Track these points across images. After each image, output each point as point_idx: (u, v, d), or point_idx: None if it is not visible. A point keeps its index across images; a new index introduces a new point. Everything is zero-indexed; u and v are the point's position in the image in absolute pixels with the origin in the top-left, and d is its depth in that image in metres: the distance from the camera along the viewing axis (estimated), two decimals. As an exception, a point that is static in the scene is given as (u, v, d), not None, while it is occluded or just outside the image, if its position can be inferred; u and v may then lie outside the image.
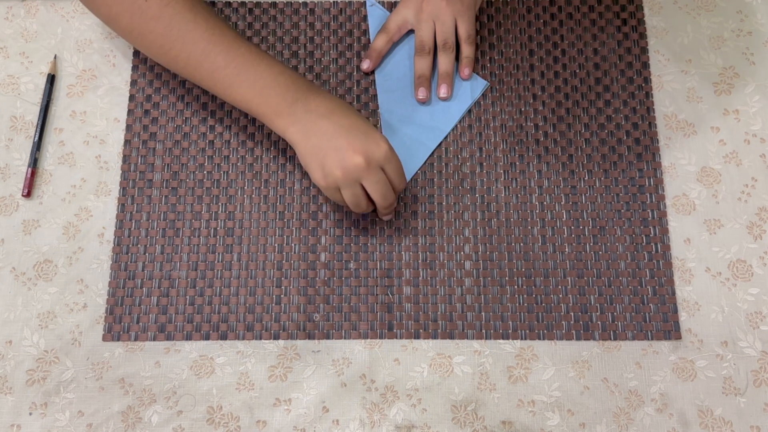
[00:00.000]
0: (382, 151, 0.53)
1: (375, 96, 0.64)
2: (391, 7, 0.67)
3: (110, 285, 0.59)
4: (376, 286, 0.59)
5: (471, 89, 0.64)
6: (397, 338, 0.58)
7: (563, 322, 0.58)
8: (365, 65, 0.64)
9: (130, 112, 0.64)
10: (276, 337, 0.58)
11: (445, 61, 0.64)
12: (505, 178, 0.62)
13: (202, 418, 0.56)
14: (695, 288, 0.59)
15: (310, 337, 0.58)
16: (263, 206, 0.61)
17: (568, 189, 0.62)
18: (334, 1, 0.68)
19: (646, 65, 0.65)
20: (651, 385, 0.57)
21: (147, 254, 0.60)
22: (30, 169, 0.62)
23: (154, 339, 0.58)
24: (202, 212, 0.61)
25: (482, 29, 0.66)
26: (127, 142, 0.63)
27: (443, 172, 0.62)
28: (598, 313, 0.58)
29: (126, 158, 0.63)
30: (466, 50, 0.64)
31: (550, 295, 0.59)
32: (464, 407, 0.56)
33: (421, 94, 0.63)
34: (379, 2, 0.67)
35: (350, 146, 0.53)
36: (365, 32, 0.67)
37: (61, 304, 0.59)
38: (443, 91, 0.63)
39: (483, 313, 0.59)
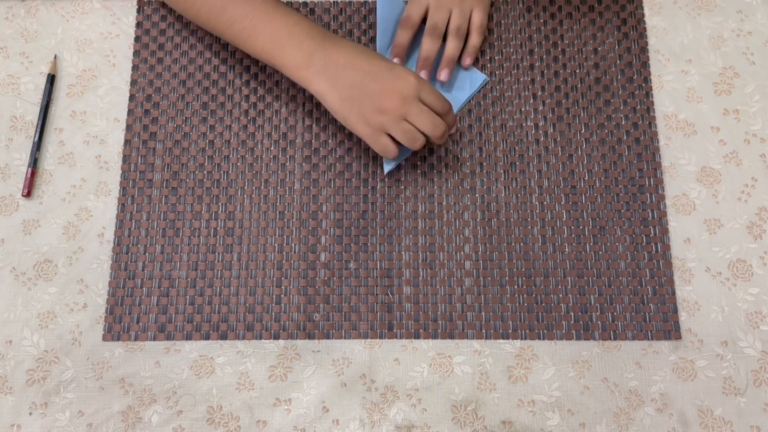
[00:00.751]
0: (412, 84, 0.55)
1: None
2: None
3: (110, 285, 0.59)
4: (376, 286, 0.59)
5: (470, 82, 0.64)
6: (397, 338, 0.58)
7: (563, 322, 0.58)
8: (396, 62, 0.63)
9: (130, 112, 0.64)
10: (276, 337, 0.58)
11: (452, 47, 0.63)
12: (505, 178, 0.62)
13: (202, 418, 0.56)
14: (695, 288, 0.59)
15: (310, 337, 0.58)
16: (263, 206, 0.61)
17: (568, 189, 0.62)
18: (334, 1, 0.68)
19: (646, 65, 0.65)
20: (651, 385, 0.57)
21: (147, 254, 0.60)
22: (30, 169, 0.62)
23: (154, 339, 0.58)
24: (202, 212, 0.61)
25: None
26: (127, 142, 0.63)
27: (443, 172, 0.62)
28: (598, 313, 0.58)
29: (126, 158, 0.63)
30: (474, 39, 0.64)
31: (550, 295, 0.59)
32: (464, 407, 0.56)
33: (423, 75, 0.63)
34: None
35: (383, 89, 0.55)
36: (365, 32, 0.66)
37: (61, 304, 0.59)
38: (444, 75, 0.63)
39: (483, 313, 0.59)
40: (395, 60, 0.63)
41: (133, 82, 0.65)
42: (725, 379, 0.57)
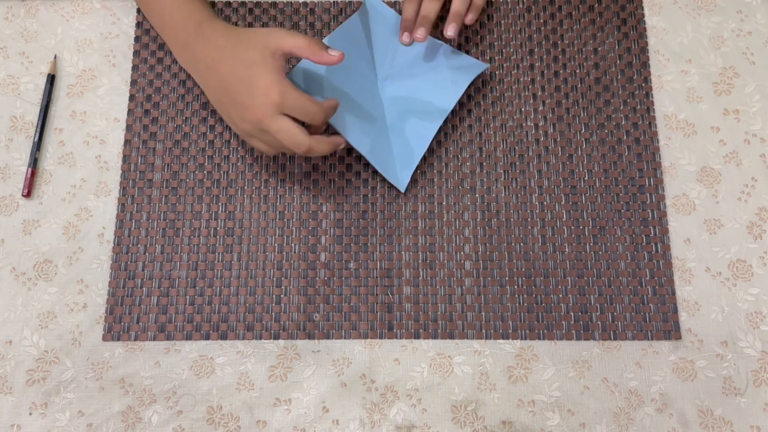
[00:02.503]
0: (270, 102, 0.51)
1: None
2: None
3: (110, 285, 0.59)
4: (376, 286, 0.59)
5: (470, 69, 0.63)
6: (397, 338, 0.58)
7: (563, 322, 0.58)
8: (406, 38, 0.62)
9: (130, 112, 0.64)
10: (276, 337, 0.58)
11: (458, 2, 0.62)
12: (505, 178, 0.62)
13: (202, 418, 0.56)
14: (695, 288, 0.59)
15: (310, 337, 0.58)
16: (263, 206, 0.61)
17: (568, 189, 0.62)
18: (334, 1, 0.67)
19: (646, 65, 0.65)
20: (651, 385, 0.57)
21: (147, 254, 0.60)
22: (30, 169, 0.62)
23: (154, 339, 0.58)
24: (202, 212, 0.61)
25: (482, 29, 0.66)
26: (127, 142, 0.63)
27: (443, 172, 0.62)
28: (598, 313, 0.58)
29: (126, 158, 0.63)
30: (476, 8, 0.63)
31: (550, 295, 0.59)
32: (464, 407, 0.56)
33: (420, 33, 0.61)
34: None
35: (242, 103, 0.53)
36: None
37: (61, 304, 0.59)
38: (451, 30, 0.61)
39: (483, 313, 0.59)
40: (406, 36, 0.62)
41: (133, 82, 0.65)
42: (725, 379, 0.57)
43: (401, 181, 0.61)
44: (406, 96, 0.63)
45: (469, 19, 0.63)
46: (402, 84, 0.64)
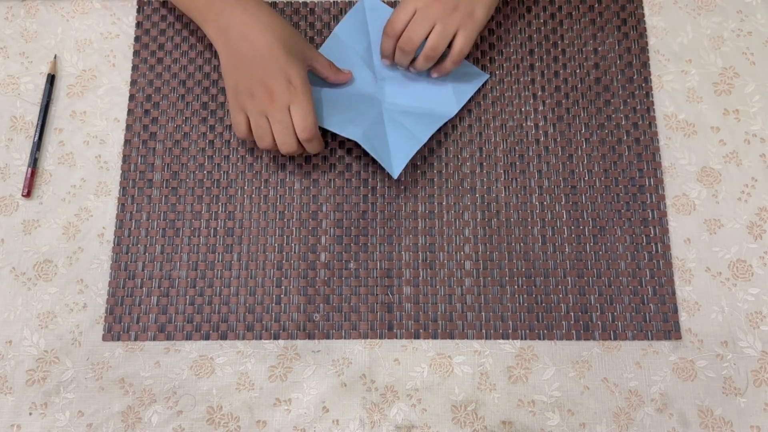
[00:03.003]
0: (291, 93, 0.54)
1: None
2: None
3: (110, 285, 0.59)
4: (376, 286, 0.59)
5: (471, 79, 0.64)
6: (397, 338, 0.58)
7: (563, 322, 0.58)
8: (386, 63, 0.63)
9: (130, 112, 0.64)
10: (276, 337, 0.58)
11: (420, 66, 0.60)
12: (505, 178, 0.62)
13: (202, 418, 0.56)
14: (695, 288, 0.59)
15: (310, 337, 0.58)
16: (263, 206, 0.61)
17: (568, 189, 0.62)
18: (334, 1, 0.67)
19: (646, 65, 0.65)
20: (651, 385, 0.57)
21: (147, 254, 0.60)
22: (30, 169, 0.62)
23: (154, 339, 0.58)
24: (202, 212, 0.61)
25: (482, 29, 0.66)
26: (127, 142, 0.63)
27: (443, 172, 0.62)
28: (598, 313, 0.58)
29: (126, 158, 0.63)
30: (447, 65, 0.61)
31: (550, 295, 0.59)
32: (464, 407, 0.56)
33: (386, 62, 0.63)
34: None
35: (262, 81, 0.54)
36: (365, 32, 0.66)
37: (61, 304, 0.59)
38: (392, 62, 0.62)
39: (483, 313, 0.59)
40: (384, 62, 0.62)
41: (133, 82, 0.65)
42: (725, 379, 0.57)
43: (394, 167, 0.60)
44: (406, 101, 0.63)
45: (434, 76, 0.62)
46: (402, 89, 0.64)
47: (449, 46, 0.60)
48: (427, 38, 0.58)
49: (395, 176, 0.59)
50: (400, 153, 0.60)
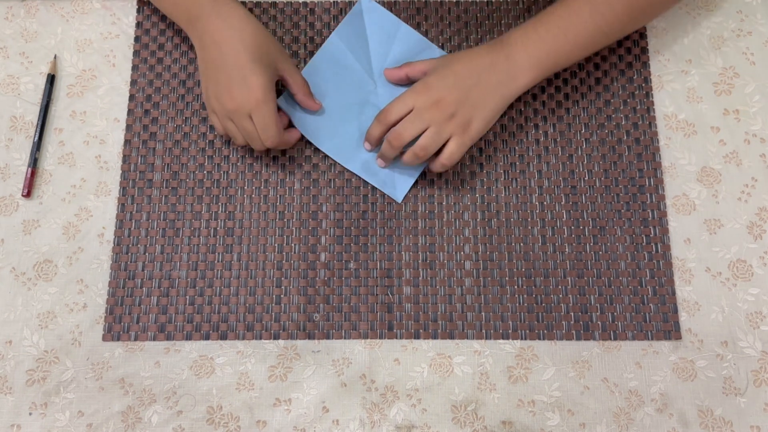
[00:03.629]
0: (251, 101, 0.55)
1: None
2: (387, 6, 0.67)
3: (110, 285, 0.59)
4: (376, 286, 0.59)
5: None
6: (397, 338, 0.58)
7: (563, 322, 0.58)
8: (367, 147, 0.61)
9: (130, 112, 0.64)
10: (276, 337, 0.58)
11: (407, 160, 0.58)
12: (505, 178, 0.62)
13: (202, 418, 0.56)
14: (695, 288, 0.59)
15: (310, 337, 0.58)
16: (263, 206, 0.61)
17: (568, 189, 0.62)
18: (334, 1, 0.68)
19: (646, 65, 0.65)
20: (651, 385, 0.57)
21: (147, 254, 0.60)
22: (30, 169, 0.62)
23: (154, 339, 0.58)
24: (202, 212, 0.61)
25: (482, 29, 0.66)
26: (127, 142, 0.63)
27: (443, 172, 0.62)
28: (598, 313, 0.58)
29: (126, 158, 0.63)
30: (436, 167, 0.58)
31: (550, 295, 0.59)
32: (464, 407, 0.56)
33: (367, 146, 0.61)
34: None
35: (226, 86, 0.56)
36: (365, 32, 0.66)
37: (61, 304, 0.59)
38: (379, 163, 0.61)
39: (483, 313, 0.59)
40: (366, 146, 0.61)
41: (133, 82, 0.65)
42: (725, 379, 0.57)
43: (398, 192, 0.61)
44: None
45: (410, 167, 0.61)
46: (396, 94, 0.64)
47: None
48: (417, 138, 0.57)
49: (399, 200, 0.61)
50: (402, 177, 0.61)
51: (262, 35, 0.57)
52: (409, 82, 0.62)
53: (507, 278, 0.59)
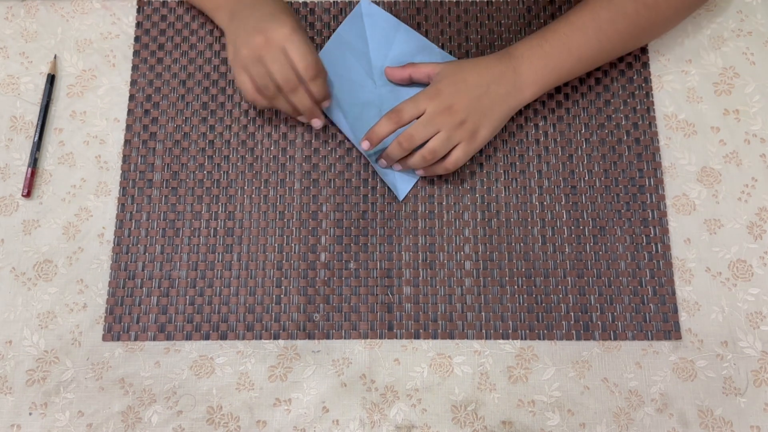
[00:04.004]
0: (282, 31, 0.54)
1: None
2: (385, 6, 0.67)
3: (110, 285, 0.59)
4: (376, 286, 0.59)
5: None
6: (397, 338, 0.58)
7: (563, 322, 0.58)
8: (365, 146, 0.59)
9: (130, 112, 0.64)
10: (276, 337, 0.58)
11: (415, 162, 0.59)
12: (505, 178, 0.62)
13: (202, 418, 0.56)
14: (695, 288, 0.59)
15: (310, 337, 0.58)
16: (263, 206, 0.61)
17: (568, 189, 0.62)
18: (334, 1, 0.68)
19: (646, 65, 0.65)
20: (651, 385, 0.57)
21: (147, 254, 0.60)
22: (30, 169, 0.62)
23: (154, 339, 0.58)
24: (202, 212, 0.61)
25: (482, 29, 0.66)
26: (127, 142, 0.63)
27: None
28: (598, 313, 0.58)
29: (126, 158, 0.63)
30: (439, 170, 0.59)
31: (550, 295, 0.59)
32: (464, 407, 0.56)
33: (365, 145, 0.59)
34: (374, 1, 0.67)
35: (255, 27, 0.55)
36: (365, 32, 0.66)
37: (61, 304, 0.59)
38: (382, 164, 0.61)
39: (483, 313, 0.59)
40: (365, 143, 0.59)
41: (133, 82, 0.65)
42: (725, 379, 0.57)
43: (399, 190, 0.62)
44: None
45: (419, 174, 0.61)
46: (401, 96, 0.64)
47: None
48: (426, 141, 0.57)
49: (400, 199, 0.61)
50: (404, 177, 0.62)
51: (285, 10, 0.58)
52: (410, 82, 0.62)
53: (507, 278, 0.59)
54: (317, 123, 0.60)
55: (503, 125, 0.60)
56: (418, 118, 0.57)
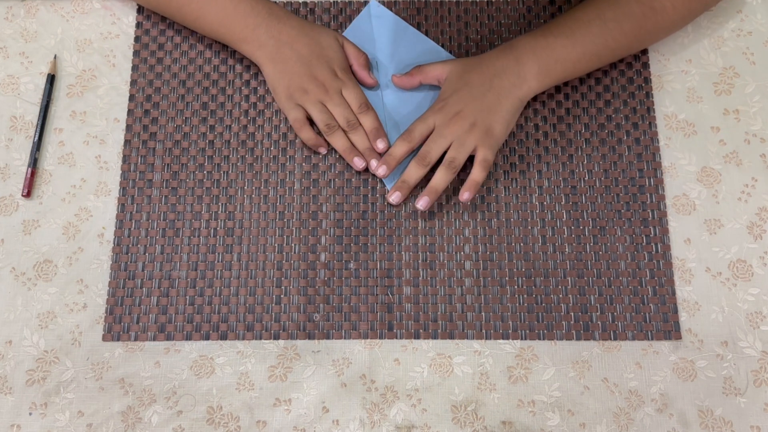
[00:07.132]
0: (340, 80, 0.60)
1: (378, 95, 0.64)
2: (391, 6, 0.67)
3: (110, 285, 0.59)
4: (376, 286, 0.59)
5: None
6: (397, 338, 0.58)
7: (563, 322, 0.58)
8: (381, 171, 0.59)
9: (130, 112, 0.64)
10: (276, 337, 0.58)
11: (439, 178, 0.58)
12: (505, 178, 0.62)
13: (202, 418, 0.56)
14: (695, 288, 0.59)
15: (310, 337, 0.58)
16: (263, 206, 0.61)
17: (568, 189, 0.62)
18: (334, 1, 0.68)
19: (646, 65, 0.65)
20: (651, 385, 0.57)
21: (147, 254, 0.60)
22: (30, 169, 0.62)
23: (154, 339, 0.58)
24: (202, 212, 0.61)
25: (482, 29, 0.66)
26: (127, 142, 0.63)
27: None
28: (598, 313, 0.58)
29: (126, 158, 0.63)
30: (477, 173, 0.58)
31: (550, 295, 0.59)
32: (464, 407, 0.56)
33: (395, 198, 0.59)
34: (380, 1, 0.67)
35: (312, 75, 0.60)
36: (365, 32, 0.66)
37: (61, 304, 0.59)
38: (422, 204, 0.58)
39: (483, 313, 0.59)
40: (382, 169, 0.59)
41: (133, 82, 0.65)
42: (725, 379, 0.57)
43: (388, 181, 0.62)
44: (406, 108, 0.63)
45: (465, 197, 0.58)
46: (403, 97, 0.64)
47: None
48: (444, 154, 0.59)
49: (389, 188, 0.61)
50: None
51: (317, 26, 0.63)
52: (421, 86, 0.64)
53: (507, 278, 0.59)
54: (383, 170, 0.59)
55: (517, 117, 0.61)
56: (429, 134, 0.59)
